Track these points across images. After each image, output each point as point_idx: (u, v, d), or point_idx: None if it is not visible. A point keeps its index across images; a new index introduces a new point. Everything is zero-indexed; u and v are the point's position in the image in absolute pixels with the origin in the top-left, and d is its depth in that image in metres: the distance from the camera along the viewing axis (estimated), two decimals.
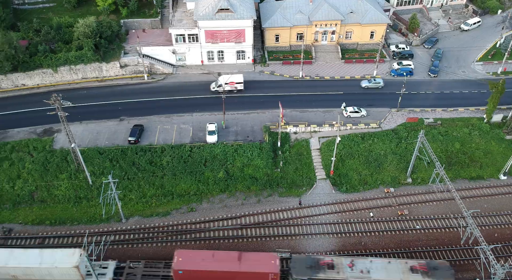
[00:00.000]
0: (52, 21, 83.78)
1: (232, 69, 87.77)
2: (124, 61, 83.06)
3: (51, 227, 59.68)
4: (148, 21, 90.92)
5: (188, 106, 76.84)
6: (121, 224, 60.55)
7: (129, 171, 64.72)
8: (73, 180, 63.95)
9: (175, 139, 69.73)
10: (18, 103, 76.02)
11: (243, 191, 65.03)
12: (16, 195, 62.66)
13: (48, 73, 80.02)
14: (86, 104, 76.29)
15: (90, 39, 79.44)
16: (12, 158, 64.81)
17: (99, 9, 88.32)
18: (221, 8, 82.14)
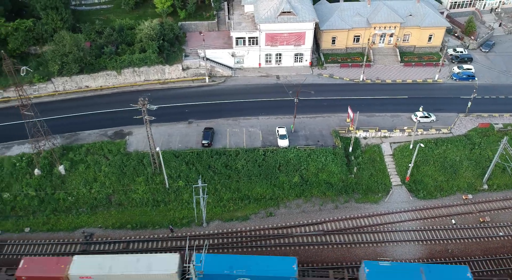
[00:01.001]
0: (114, 23, 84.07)
1: (289, 72, 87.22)
2: (186, 63, 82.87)
3: (133, 231, 59.40)
4: (205, 23, 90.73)
5: (252, 109, 76.32)
6: (202, 228, 60.19)
7: (206, 174, 64.28)
8: (150, 183, 63.70)
9: (246, 142, 69.27)
10: (84, 105, 75.99)
11: (319, 196, 64.41)
12: (93, 198, 62.55)
13: (112, 75, 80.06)
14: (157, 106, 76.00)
15: (154, 41, 79.45)
16: (88, 161, 64.72)
17: (158, 11, 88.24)
18: (284, 11, 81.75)
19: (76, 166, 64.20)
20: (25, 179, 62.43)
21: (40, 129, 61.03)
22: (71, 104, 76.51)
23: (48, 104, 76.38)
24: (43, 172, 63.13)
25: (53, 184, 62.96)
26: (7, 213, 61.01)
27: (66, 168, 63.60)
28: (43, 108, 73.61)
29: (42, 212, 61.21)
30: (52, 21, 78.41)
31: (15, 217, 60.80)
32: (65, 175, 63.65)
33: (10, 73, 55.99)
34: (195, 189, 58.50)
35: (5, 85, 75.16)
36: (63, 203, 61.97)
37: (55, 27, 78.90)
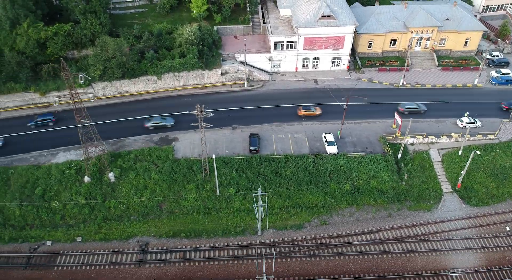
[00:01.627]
0: (152, 27, 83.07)
1: (327, 76, 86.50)
2: (225, 68, 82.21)
3: (188, 240, 58.62)
4: (241, 27, 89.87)
5: (295, 115, 75.43)
6: (257, 237, 59.55)
7: (256, 182, 63.52)
8: (200, 191, 62.92)
9: (293, 149, 68.51)
10: (126, 110, 74.92)
11: (371, 204, 63.71)
12: (144, 206, 61.72)
13: (152, 80, 79.18)
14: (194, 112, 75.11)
15: (194, 46, 78.67)
16: (137, 168, 63.84)
17: (193, 16, 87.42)
18: (324, 15, 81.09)
19: (125, 173, 63.34)
20: (74, 187, 61.56)
21: (93, 135, 60.19)
22: (112, 109, 75.44)
23: (89, 110, 75.24)
24: (93, 179, 62.41)
25: (103, 191, 62.16)
26: (57, 222, 60.22)
27: (116, 175, 62.93)
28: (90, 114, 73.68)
29: (93, 220, 60.47)
30: (91, 26, 77.35)
31: (65, 226, 60.03)
32: (114, 182, 62.86)
33: (68, 81, 55.02)
34: (253, 197, 57.79)
35: (46, 91, 74.54)
36: (113, 211, 61.21)
37: (93, 31, 78.01)
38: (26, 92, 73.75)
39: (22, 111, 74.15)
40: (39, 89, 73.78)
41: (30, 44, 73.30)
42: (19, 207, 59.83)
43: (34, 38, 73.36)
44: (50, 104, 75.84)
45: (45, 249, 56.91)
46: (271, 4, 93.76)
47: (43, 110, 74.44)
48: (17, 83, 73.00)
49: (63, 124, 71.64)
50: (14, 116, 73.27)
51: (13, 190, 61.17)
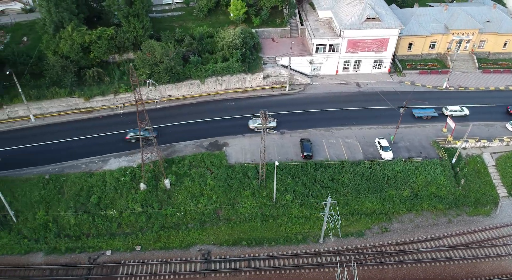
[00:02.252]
0: (193, 30, 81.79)
1: (369, 79, 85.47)
2: (267, 72, 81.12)
3: (250, 248, 57.52)
4: (278, 30, 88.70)
5: (342, 119, 74.20)
6: (319, 245, 58.48)
7: (312, 188, 62.57)
8: (256, 197, 61.81)
9: (347, 154, 67.54)
10: (170, 115, 73.48)
11: (429, 210, 62.75)
12: (201, 213, 60.59)
13: (195, 85, 77.98)
14: (240, 116, 74.12)
15: (238, 50, 77.54)
16: (192, 174, 62.74)
17: (231, 19, 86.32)
18: (369, 17, 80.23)
19: (180, 179, 62.15)
20: (130, 194, 60.33)
21: (153, 141, 58.91)
22: (157, 114, 74.08)
23: (133, 115, 74.27)
24: (148, 186, 61.26)
25: (159, 199, 60.95)
26: (114, 231, 58.93)
27: (171, 182, 61.76)
28: (130, 119, 72.57)
29: (150, 228, 59.19)
30: (134, 29, 76.25)
31: (123, 234, 58.71)
32: (170, 189, 61.72)
33: (135, 86, 53.73)
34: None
35: (90, 96, 73.26)
36: (170, 218, 59.95)
37: (136, 35, 76.82)
38: (70, 97, 72.56)
39: (66, 117, 73.03)
40: (84, 94, 72.65)
41: (74, 48, 71.98)
42: (74, 216, 58.69)
43: (79, 42, 72.02)
44: (93, 109, 74.76)
45: (105, 259, 55.63)
46: (307, 6, 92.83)
47: (87, 116, 73.38)
48: (62, 88, 71.97)
49: (109, 130, 70.45)
50: (58, 122, 71.83)
51: (67, 198, 59.93)
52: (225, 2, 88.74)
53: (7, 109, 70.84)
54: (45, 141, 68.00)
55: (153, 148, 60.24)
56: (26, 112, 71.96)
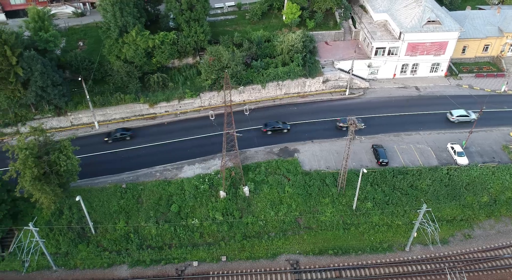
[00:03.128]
0: (250, 34, 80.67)
1: (426, 83, 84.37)
2: (326, 76, 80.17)
3: (337, 257, 56.33)
4: (332, 33, 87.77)
5: (409, 124, 72.67)
6: (405, 253, 57.42)
7: (392, 196, 61.56)
8: (336, 205, 60.84)
9: (421, 160, 66.34)
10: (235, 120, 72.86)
11: (508, 215, 61.73)
12: (282, 221, 59.47)
13: (256, 89, 76.83)
14: (305, 121, 72.89)
15: (299, 54, 76.51)
16: (269, 181, 61.61)
17: (285, 22, 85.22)
18: (429, 20, 79.37)
19: (259, 187, 61.07)
20: (210, 203, 59.17)
21: (235, 146, 57.58)
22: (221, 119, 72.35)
23: (197, 121, 73.26)
24: (228, 194, 60.11)
25: (239, 207, 59.81)
26: (196, 241, 57.64)
27: (250, 190, 60.64)
28: (197, 125, 71.43)
29: (232, 238, 58.01)
30: (195, 34, 75.14)
31: (206, 244, 57.46)
32: (249, 197, 60.65)
33: (226, 92, 52.68)
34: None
35: (155, 102, 71.99)
36: (252, 227, 58.82)
37: (197, 39, 75.68)
38: (135, 103, 71.35)
39: (130, 123, 71.74)
40: (149, 100, 71.41)
41: (138, 53, 70.78)
42: (156, 226, 57.52)
43: (143, 47, 70.90)
44: (156, 115, 73.49)
45: (193, 271, 54.30)
46: (357, 9, 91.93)
47: (151, 123, 72.14)
48: (127, 94, 70.73)
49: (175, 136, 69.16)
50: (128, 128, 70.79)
51: (146, 208, 58.71)
52: (277, 5, 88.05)
53: (71, 116, 69.58)
54: (114, 149, 66.74)
55: (235, 152, 58.88)
56: (90, 119, 70.74)
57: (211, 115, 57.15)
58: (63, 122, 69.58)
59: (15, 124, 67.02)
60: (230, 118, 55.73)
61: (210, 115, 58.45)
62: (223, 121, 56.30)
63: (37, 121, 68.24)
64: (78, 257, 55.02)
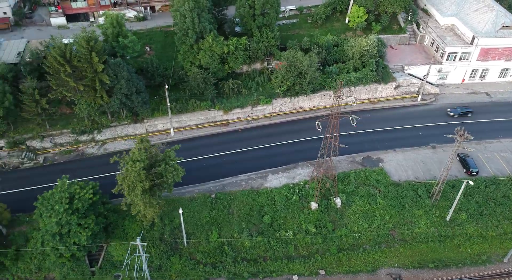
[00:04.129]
0: (318, 39, 79.03)
1: (496, 89, 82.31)
2: (398, 81, 78.45)
3: (438, 270, 54.47)
4: (398, 37, 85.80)
5: (488, 131, 70.70)
6: (504, 264, 55.50)
7: (486, 206, 59.77)
8: (430, 217, 59.00)
9: (508, 169, 64.39)
10: (308, 128, 69.73)
11: None
12: (375, 234, 57.85)
13: (327, 95, 75.03)
14: (382, 129, 70.93)
15: (372, 59, 74.77)
16: (360, 193, 60.02)
17: (351, 26, 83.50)
18: (505, 25, 77.48)
19: (351, 198, 59.41)
20: (302, 214, 57.49)
21: (335, 153, 55.32)
22: (293, 127, 71.44)
23: (271, 128, 71.63)
24: (320, 205, 58.45)
25: (331, 219, 58.21)
26: (290, 253, 55.93)
27: (342, 201, 59.04)
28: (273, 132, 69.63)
29: (327, 250, 56.27)
30: (266, 39, 73.56)
31: (300, 257, 55.66)
32: (340, 209, 59.02)
33: (337, 99, 51.46)
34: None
35: (230, 108, 70.35)
36: (345, 240, 57.22)
37: (267, 45, 74.08)
38: (209, 110, 69.78)
39: (204, 130, 69.96)
40: (224, 106, 69.90)
41: (214, 59, 69.37)
42: (250, 238, 55.95)
43: (218, 53, 69.44)
44: (229, 122, 71.88)
45: None
46: (420, 12, 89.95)
47: (226, 130, 70.43)
48: (203, 101, 69.24)
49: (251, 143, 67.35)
50: (197, 135, 68.67)
51: (237, 219, 57.03)
52: (341, 9, 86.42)
53: (147, 123, 68.13)
54: (196, 156, 64.75)
55: (327, 161, 56.78)
56: (165, 126, 69.20)
57: (353, 119, 53.76)
58: (139, 129, 68.14)
59: (91, 132, 65.87)
60: (333, 125, 53.36)
61: (317, 125, 55.36)
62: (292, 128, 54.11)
63: (113, 128, 67.12)
64: (172, 270, 53.50)
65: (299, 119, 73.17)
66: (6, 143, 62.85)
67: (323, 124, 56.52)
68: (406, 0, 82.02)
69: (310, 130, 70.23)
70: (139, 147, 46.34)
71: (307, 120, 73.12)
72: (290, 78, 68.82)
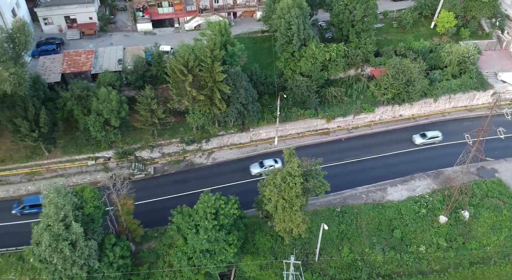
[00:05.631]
0: (413, 45, 77.53)
1: None
2: (496, 88, 76.85)
3: None
4: (484, 42, 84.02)
5: None
6: None
7: None
8: None
9: None
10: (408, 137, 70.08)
11: None
12: (503, 246, 55.78)
13: (427, 103, 73.31)
14: (490, 137, 64.71)
15: (472, 66, 72.97)
16: (485, 205, 58.31)
17: (439, 31, 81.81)
18: None
19: (477, 210, 57.73)
20: (431, 228, 55.81)
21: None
22: (395, 136, 69.50)
23: (375, 137, 69.53)
24: (449, 219, 56.88)
25: (460, 232, 56.63)
26: (423, 269, 54.10)
27: (470, 214, 57.43)
28: (378, 141, 67.71)
29: (458, 264, 54.50)
30: (364, 45, 72.05)
31: (434, 272, 53.63)
32: (467, 221, 57.38)
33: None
34: None
35: (333, 117, 67.97)
36: (476, 253, 55.72)
37: (364, 51, 72.54)
38: (312, 118, 68.04)
39: (306, 139, 68.10)
40: (327, 115, 68.18)
41: (316, 66, 67.78)
42: (382, 253, 54.37)
43: (320, 60, 67.87)
44: (329, 130, 70.15)
45: None
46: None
47: (327, 139, 68.30)
48: (306, 109, 67.59)
49: (357, 154, 65.46)
50: (301, 145, 66.42)
51: (366, 233, 55.41)
52: (426, 13, 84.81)
53: (252, 132, 66.57)
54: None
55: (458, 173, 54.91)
56: (268, 135, 67.43)
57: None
58: (244, 138, 66.41)
59: (199, 141, 64.25)
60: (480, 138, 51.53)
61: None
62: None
63: (220, 137, 65.49)
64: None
65: (401, 128, 71.24)
66: (114, 153, 61.24)
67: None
68: (495, 5, 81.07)
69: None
70: (295, 160, 44.48)
71: (409, 129, 71.31)
72: (399, 85, 67.36)
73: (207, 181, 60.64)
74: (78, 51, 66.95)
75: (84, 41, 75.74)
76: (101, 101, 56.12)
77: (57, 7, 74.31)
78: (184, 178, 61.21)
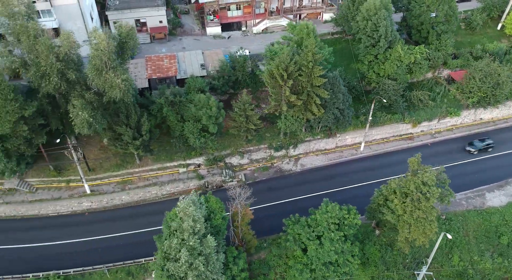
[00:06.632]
0: (488, 47, 76.09)
1: None
2: None
3: None
4: None
5: None
6: None
7: None
8: None
9: None
10: (499, 141, 68.17)
11: None
12: None
13: (507, 106, 72.33)
14: None
15: None
16: None
17: (508, 33, 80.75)
18: None
19: None
20: None
21: None
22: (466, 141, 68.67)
23: (456, 141, 68.29)
24: None
25: None
26: None
27: None
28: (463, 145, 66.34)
29: None
30: (444, 47, 70.93)
31: None
32: None
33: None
34: None
35: (420, 121, 66.66)
36: None
37: (444, 53, 71.26)
38: (398, 123, 66.74)
39: (390, 145, 66.70)
40: (414, 120, 66.85)
41: (402, 69, 66.52)
42: (491, 261, 53.28)
43: (406, 62, 66.70)
44: (413, 135, 68.70)
45: None
46: None
47: (413, 144, 67.02)
48: (392, 114, 66.31)
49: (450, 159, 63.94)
50: (386, 151, 65.49)
51: (473, 241, 54.23)
52: (494, 15, 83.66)
53: (338, 138, 65.31)
54: (396, 174, 56.84)
55: None
56: (353, 141, 66.14)
57: None
58: (330, 144, 65.03)
59: (286, 147, 62.96)
60: None
61: None
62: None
63: (306, 143, 64.19)
64: None
65: (483, 132, 70.00)
66: (205, 160, 59.86)
67: None
68: None
69: (499, 143, 67.55)
70: (427, 169, 43.27)
71: (492, 132, 70.59)
72: (487, 89, 66.16)
73: (300, 188, 59.19)
74: (160, 55, 65.39)
75: (156, 45, 74.35)
76: (199, 108, 54.83)
77: (129, 10, 72.79)
78: (277, 185, 59.77)
